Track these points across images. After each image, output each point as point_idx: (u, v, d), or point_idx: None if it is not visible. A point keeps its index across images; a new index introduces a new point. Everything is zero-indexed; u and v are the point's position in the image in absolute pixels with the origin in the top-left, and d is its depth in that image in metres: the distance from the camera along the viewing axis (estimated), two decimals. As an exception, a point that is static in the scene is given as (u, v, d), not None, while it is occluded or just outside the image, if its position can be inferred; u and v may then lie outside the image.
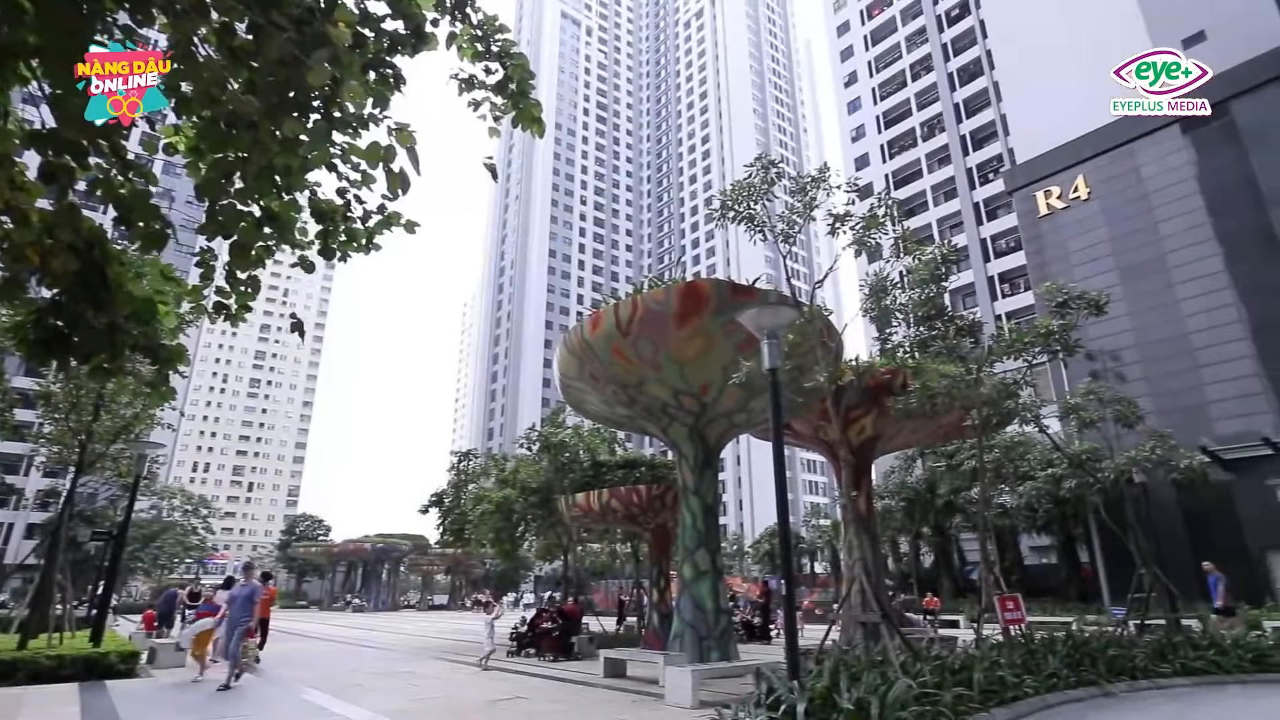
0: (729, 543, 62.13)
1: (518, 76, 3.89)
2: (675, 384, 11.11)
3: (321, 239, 3.95)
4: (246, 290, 3.84)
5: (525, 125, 3.99)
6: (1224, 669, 10.70)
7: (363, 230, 4.01)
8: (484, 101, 3.96)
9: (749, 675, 10.27)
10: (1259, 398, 22.47)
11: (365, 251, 4.12)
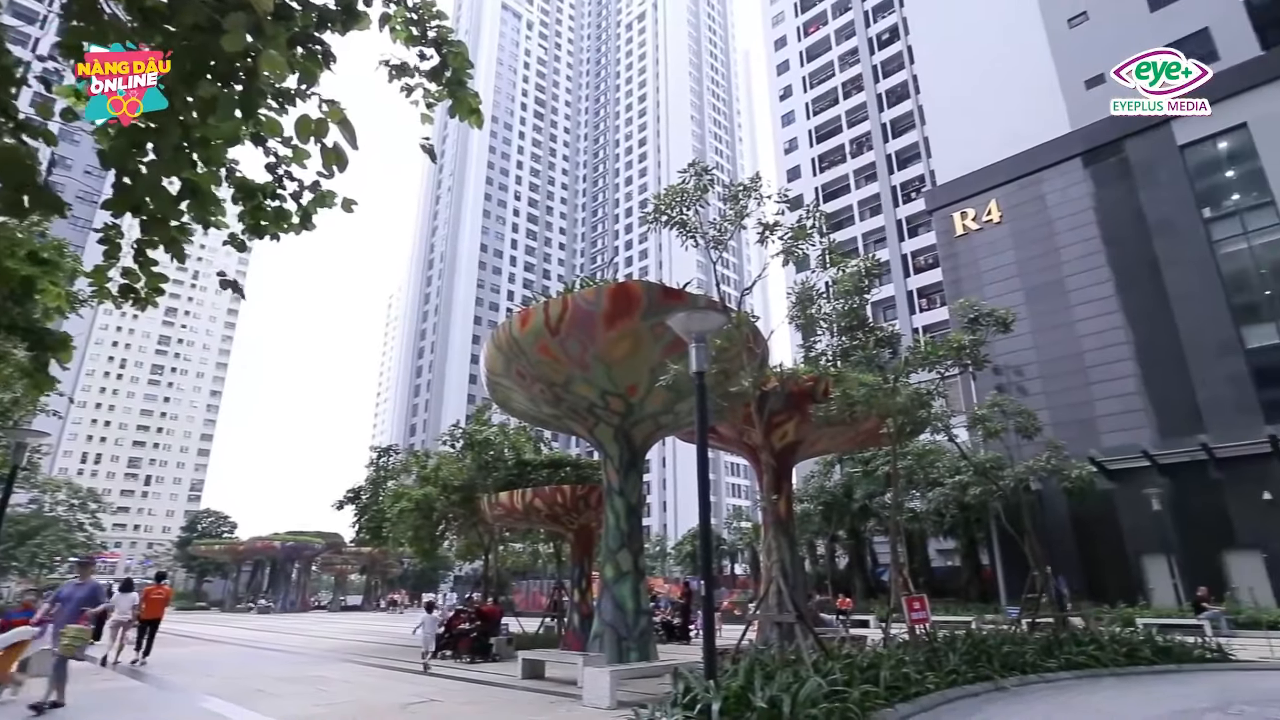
0: (652, 543, 62.55)
1: (455, 64, 3.78)
2: (603, 384, 11.11)
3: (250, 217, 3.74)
4: (157, 272, 3.59)
5: (463, 116, 3.90)
6: (1102, 663, 11.55)
7: (295, 209, 3.82)
8: (417, 87, 3.83)
9: (667, 675, 10.36)
10: (1140, 414, 24.40)
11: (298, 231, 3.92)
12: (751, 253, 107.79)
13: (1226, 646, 13.70)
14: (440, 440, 20.08)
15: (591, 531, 16.57)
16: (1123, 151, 26.76)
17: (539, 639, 17.64)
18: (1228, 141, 24.57)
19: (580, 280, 11.72)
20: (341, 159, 3.31)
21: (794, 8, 65.41)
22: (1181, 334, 23.91)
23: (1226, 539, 21.64)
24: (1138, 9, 29.60)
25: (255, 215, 3.68)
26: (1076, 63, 30.98)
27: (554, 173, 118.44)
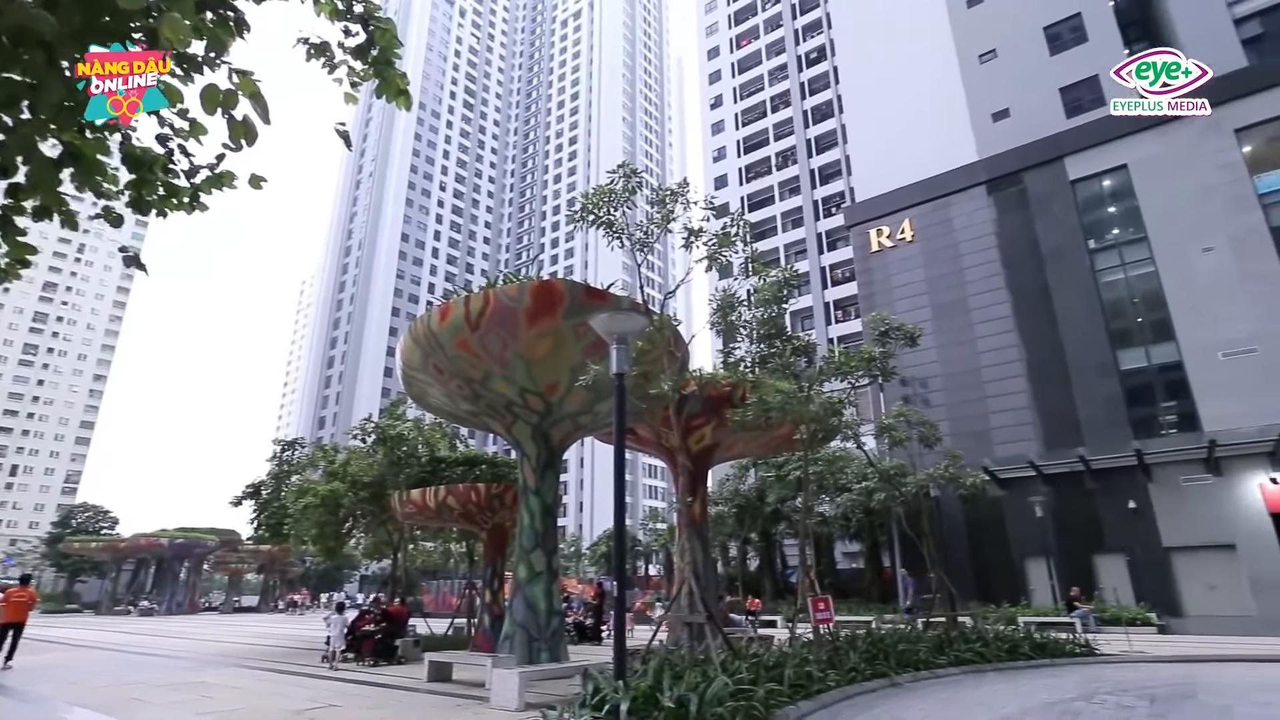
0: (567, 544, 62.21)
1: (382, 42, 3.63)
2: (522, 382, 10.96)
3: (135, 189, 3.46)
4: (24, 243, 3.28)
5: (390, 97, 3.75)
6: (987, 658, 12.32)
7: (187, 186, 3.56)
8: (341, 64, 3.66)
9: (577, 676, 10.32)
10: (1029, 427, 26.22)
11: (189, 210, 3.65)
12: (677, 257, 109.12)
13: (1093, 642, 14.91)
14: (351, 434, 19.30)
15: (506, 531, 16.31)
16: (1022, 183, 28.70)
17: (448, 640, 17.22)
18: (1111, 180, 26.77)
19: (504, 276, 11.52)
20: (251, 133, 3.12)
21: (728, 20, 66.73)
22: (1067, 354, 25.85)
23: (1097, 543, 23.54)
24: (1040, 52, 31.84)
25: (141, 188, 3.41)
26: (985, 96, 33.03)
27: (481, 165, 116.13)
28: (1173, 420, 23.78)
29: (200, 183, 3.55)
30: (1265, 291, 22.36)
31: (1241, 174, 23.68)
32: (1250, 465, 21.43)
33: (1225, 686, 10.06)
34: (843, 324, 50.51)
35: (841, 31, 44.80)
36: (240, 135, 3.13)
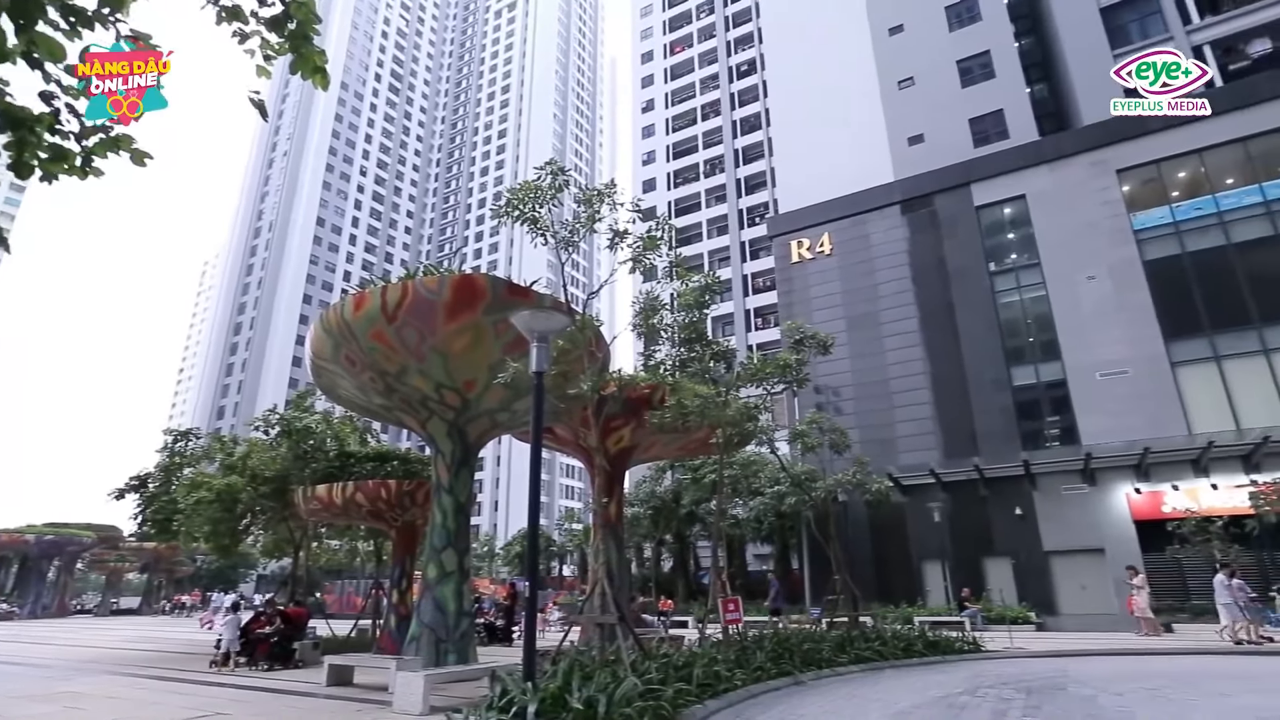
0: (480, 543, 61.11)
1: (300, 15, 3.45)
2: (439, 377, 10.69)
3: (14, 150, 3.14)
4: None
5: (306, 74, 3.57)
6: (884, 656, 12.91)
7: (77, 150, 3.26)
8: (254, 35, 3.45)
9: (486, 678, 10.15)
10: (931, 436, 27.70)
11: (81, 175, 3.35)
12: (602, 258, 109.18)
13: (980, 639, 15.89)
14: (253, 426, 18.26)
15: (416, 529, 15.85)
16: (933, 205, 30.33)
17: (350, 642, 16.58)
18: (1011, 208, 28.68)
19: (424, 267, 11.20)
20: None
21: (663, 25, 67.37)
22: (967, 369, 27.47)
23: (987, 547, 25.12)
24: (953, 84, 33.77)
25: (22, 150, 3.10)
26: (903, 121, 34.73)
27: (406, 153, 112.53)
28: (1056, 434, 25.65)
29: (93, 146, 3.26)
30: (1137, 319, 24.46)
31: (1121, 211, 25.84)
32: (1119, 476, 23.39)
33: (1090, 678, 10.94)
34: (762, 331, 51.83)
35: (771, 47, 46.06)
36: (135, 101, 2.91)
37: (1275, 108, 24.12)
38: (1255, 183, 24.12)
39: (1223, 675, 11.12)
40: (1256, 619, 16.06)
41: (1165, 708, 8.29)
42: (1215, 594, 16.32)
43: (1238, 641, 15.33)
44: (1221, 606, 16.00)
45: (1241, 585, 16.14)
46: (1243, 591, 15.96)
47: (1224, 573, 16.33)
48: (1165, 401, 23.33)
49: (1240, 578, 16.34)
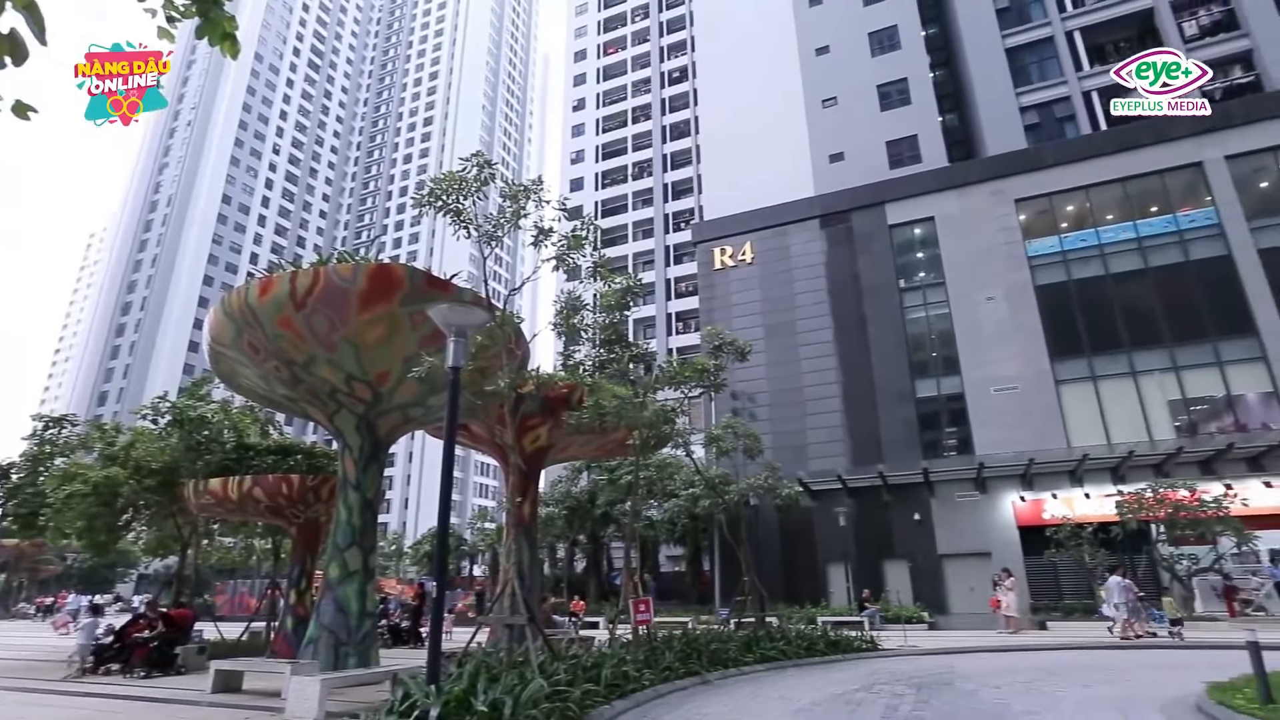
0: (388, 542, 59.14)
1: (209, -24, 3.25)
2: (349, 368, 10.28)
3: None
4: None
5: (214, 40, 3.35)
6: (788, 655, 13.34)
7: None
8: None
9: (388, 681, 9.83)
10: (840, 444, 28.84)
11: None
12: (526, 254, 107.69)
13: (877, 638, 16.67)
14: (139, 414, 16.97)
15: (320, 527, 15.17)
16: (850, 221, 31.61)
17: (241, 646, 15.68)
18: (920, 229, 30.26)
19: (338, 254, 10.77)
20: (19, 51, 2.67)
21: (597, 26, 67.29)
22: (875, 380, 28.76)
23: (888, 550, 26.38)
24: (872, 106, 35.35)
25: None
26: (825, 139, 36.04)
27: (324, 133, 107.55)
28: (954, 444, 27.23)
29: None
30: (1028, 339, 26.31)
31: (1018, 238, 27.73)
32: (1007, 485, 25.07)
33: (973, 673, 11.68)
34: (683, 336, 52.54)
35: (703, 56, 46.84)
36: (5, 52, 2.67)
37: (1149, 153, 26.48)
38: (1131, 220, 26.41)
39: (1086, 668, 12.10)
40: (1143, 617, 17.65)
41: (1037, 699, 8.95)
42: (1108, 594, 17.93)
43: (1124, 637, 16.85)
44: (1113, 605, 17.61)
45: (1130, 585, 17.87)
46: (1131, 592, 17.64)
47: (1117, 574, 18.09)
48: (1049, 416, 25.17)
49: (1099, 579, 17.89)
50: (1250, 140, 25.19)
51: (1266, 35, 28.16)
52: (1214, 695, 7.72)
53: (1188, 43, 29.80)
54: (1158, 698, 8.68)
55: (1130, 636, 16.79)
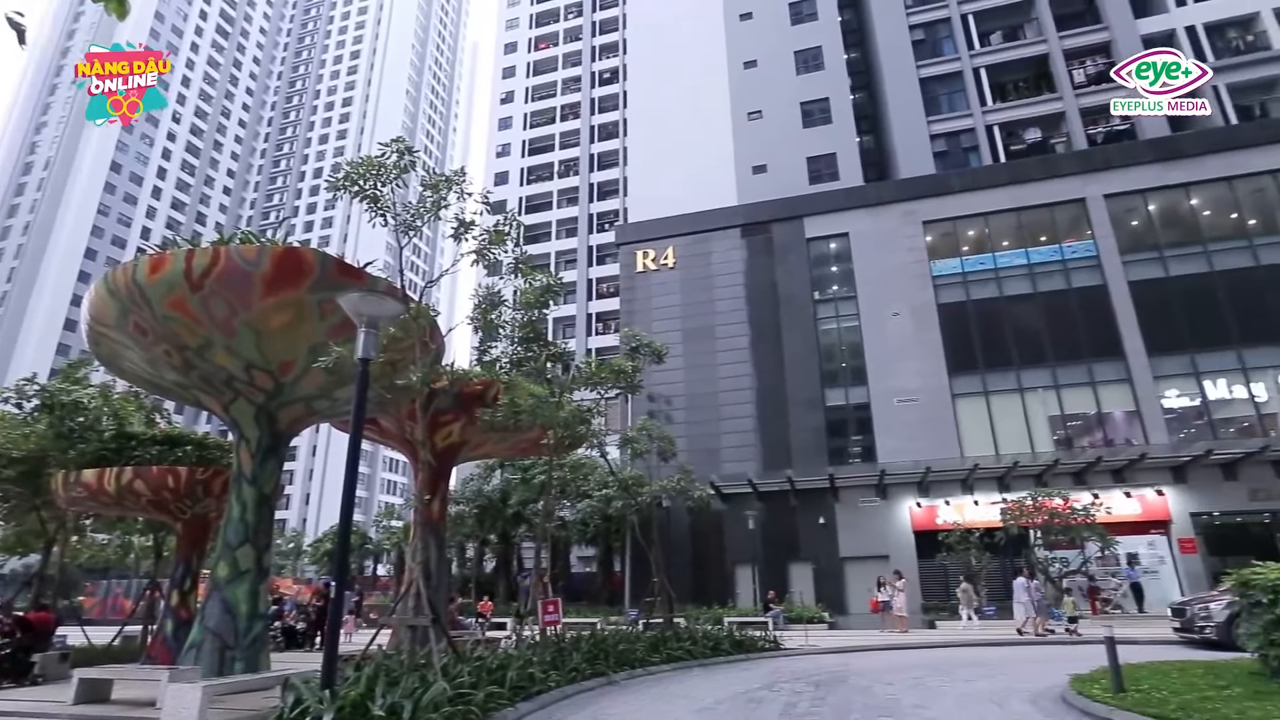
0: (285, 539, 56.34)
1: (96, -70, 3.01)
2: (249, 356, 9.71)
3: None
4: None
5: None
6: (694, 655, 13.56)
7: None
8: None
9: (278, 687, 9.32)
10: (752, 449, 29.61)
11: None
12: (446, 246, 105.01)
13: (781, 638, 17.20)
14: (1, 396, 15.42)
15: (208, 523, 14.22)
16: (770, 232, 32.52)
17: (111, 652, 14.48)
18: (836, 244, 31.50)
19: (242, 234, 10.15)
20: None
21: (529, 19, 66.45)
22: (788, 388, 29.70)
23: (793, 553, 27.27)
24: (795, 122, 36.56)
25: None
26: (749, 150, 36.97)
27: (232, 104, 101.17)
28: (858, 451, 28.45)
29: None
30: (930, 354, 27.84)
31: (924, 258, 29.32)
32: (905, 492, 26.43)
33: (867, 670, 12.24)
34: (602, 336, 52.57)
35: (635, 60, 47.09)
36: None
37: (1041, 187, 28.61)
38: (1023, 247, 28.43)
39: (969, 664, 12.91)
40: (1044, 615, 19.03)
41: (924, 694, 9.48)
42: (1014, 594, 19.38)
43: (1022, 631, 18.31)
44: (1018, 605, 19.05)
45: (1037, 586, 19.37)
46: (1038, 592, 19.12)
47: (1023, 576, 19.63)
48: (945, 428, 26.72)
49: (982, 581, 19.20)
50: (1125, 182, 27.63)
51: (1144, 87, 30.94)
52: (1075, 686, 8.45)
53: (1076, 88, 32.44)
54: (1029, 689, 9.37)
55: (1033, 633, 18.13)
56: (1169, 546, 23.87)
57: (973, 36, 34.72)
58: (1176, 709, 6.77)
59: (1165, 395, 25.23)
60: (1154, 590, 23.45)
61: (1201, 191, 27.01)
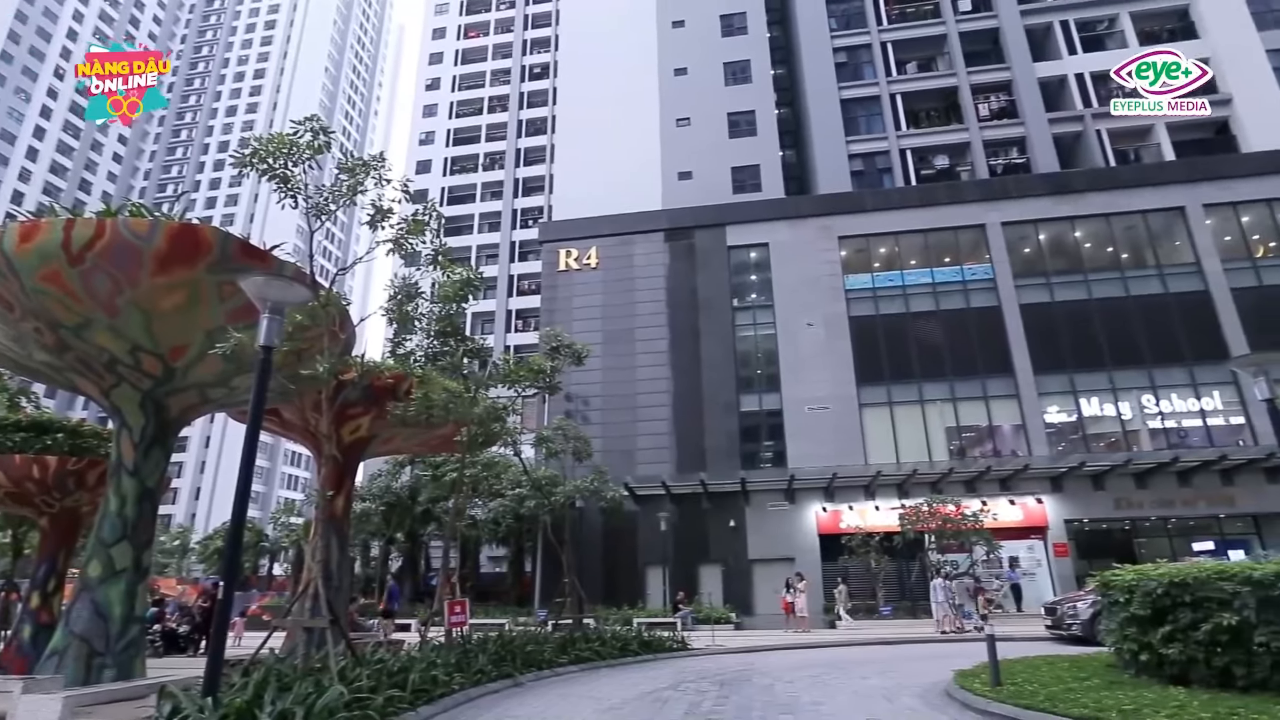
0: (170, 536, 52.67)
1: None
2: (136, 337, 9.00)
3: None
4: None
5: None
6: (603, 656, 13.57)
7: None
8: None
9: (154, 695, 8.67)
10: (667, 450, 29.93)
11: None
12: (362, 234, 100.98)
13: (688, 639, 17.45)
14: None
15: (79, 518, 13.11)
16: (693, 238, 33.01)
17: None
18: (756, 253, 32.32)
19: (134, 206, 9.41)
20: None
21: (460, 6, 64.87)
22: (704, 392, 30.21)
23: (704, 554, 27.73)
24: (722, 132, 37.31)
25: None
26: (676, 156, 37.43)
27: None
28: (770, 456, 29.24)
29: None
30: (840, 364, 28.97)
31: (838, 271, 30.50)
32: (812, 497, 27.39)
33: (770, 669, 12.60)
34: (522, 334, 51.90)
35: (566, 58, 46.80)
36: None
37: (946, 211, 30.34)
38: (929, 266, 30.06)
39: (865, 662, 13.50)
40: (957, 615, 20.13)
41: (822, 691, 9.84)
42: (931, 594, 20.84)
43: (943, 632, 19.38)
44: (935, 605, 20.41)
45: (950, 587, 20.59)
46: (952, 593, 20.40)
47: (940, 578, 20.92)
48: (852, 436, 27.86)
49: (880, 582, 20.16)
50: (1020, 212, 29.68)
51: (1035, 127, 33.51)
52: (959, 681, 9.00)
53: (981, 120, 34.63)
54: (918, 685, 9.89)
55: (951, 630, 19.28)
56: (1045, 550, 25.77)
57: (891, 64, 36.45)
58: (1044, 700, 7.35)
59: (1047, 411, 27.24)
60: (1032, 591, 25.29)
61: (1084, 225, 29.39)
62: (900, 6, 38.11)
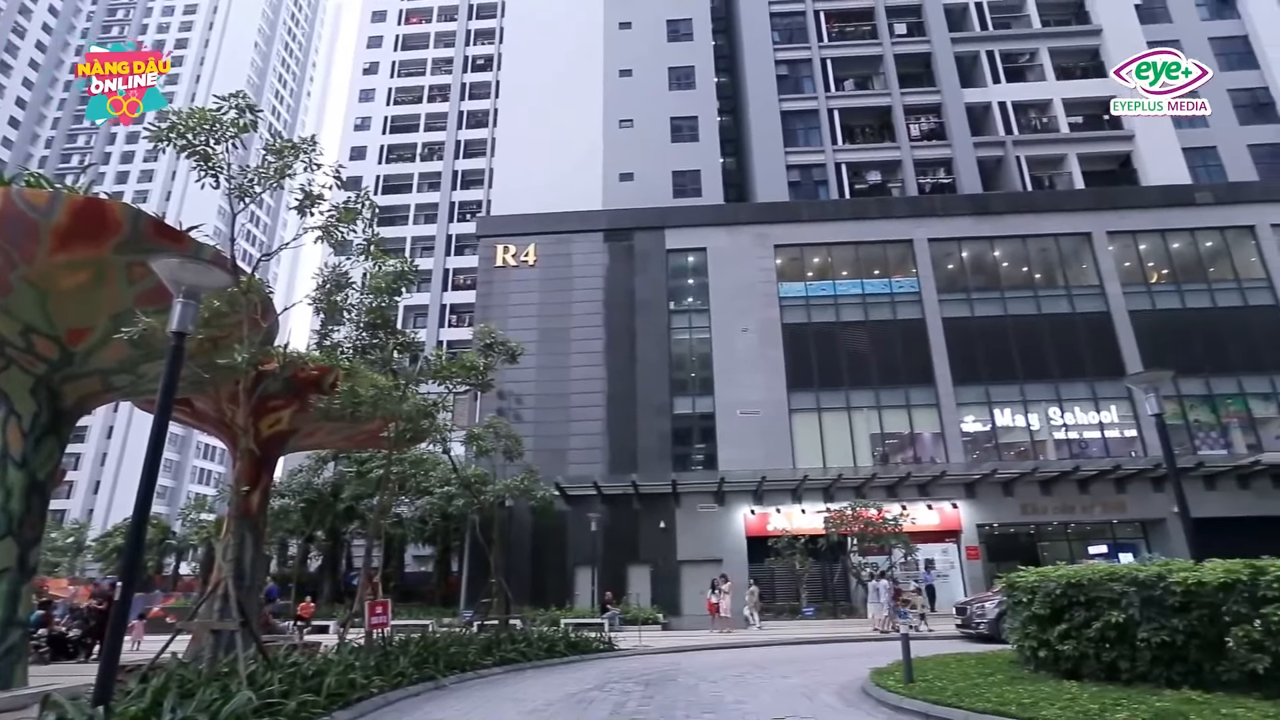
0: (63, 533, 49.20)
1: None
2: (29, 318, 8.36)
3: None
4: None
5: None
6: (529, 657, 13.44)
7: None
8: None
9: (36, 706, 8.05)
10: (599, 451, 29.89)
11: None
12: (290, 219, 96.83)
13: (615, 639, 17.46)
14: None
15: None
16: (632, 240, 33.11)
17: None
18: (693, 258, 32.71)
19: (31, 176, 8.73)
20: None
21: (401, -11, 63.11)
22: (638, 393, 30.33)
23: (633, 555, 27.82)
24: (664, 136, 37.55)
25: None
26: (618, 157, 37.44)
27: (28, 22, 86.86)
28: (701, 459, 29.62)
29: None
30: (772, 370, 29.62)
31: (773, 279, 31.19)
32: (741, 499, 27.88)
33: (695, 669, 12.75)
34: (456, 329, 50.87)
35: (510, 51, 46.16)
36: None
37: (877, 225, 31.51)
38: (859, 278, 31.11)
39: (788, 661, 13.84)
40: (894, 615, 20.79)
41: (745, 690, 10.02)
42: (869, 595, 21.70)
43: (883, 631, 19.98)
44: (872, 605, 21.27)
45: (889, 589, 21.33)
46: (891, 595, 21.15)
47: (879, 580, 21.72)
48: (781, 440, 28.52)
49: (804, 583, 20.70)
50: (945, 230, 31.10)
51: (961, 149, 35.16)
52: (874, 679, 9.36)
53: (912, 140, 36.06)
54: (836, 683, 10.21)
55: (887, 630, 19.88)
56: (959, 553, 27.06)
57: (830, 80, 37.53)
58: (951, 695, 7.74)
59: (964, 420, 28.60)
60: (945, 591, 26.48)
61: (1003, 245, 31.04)
62: (840, 25, 39.29)
